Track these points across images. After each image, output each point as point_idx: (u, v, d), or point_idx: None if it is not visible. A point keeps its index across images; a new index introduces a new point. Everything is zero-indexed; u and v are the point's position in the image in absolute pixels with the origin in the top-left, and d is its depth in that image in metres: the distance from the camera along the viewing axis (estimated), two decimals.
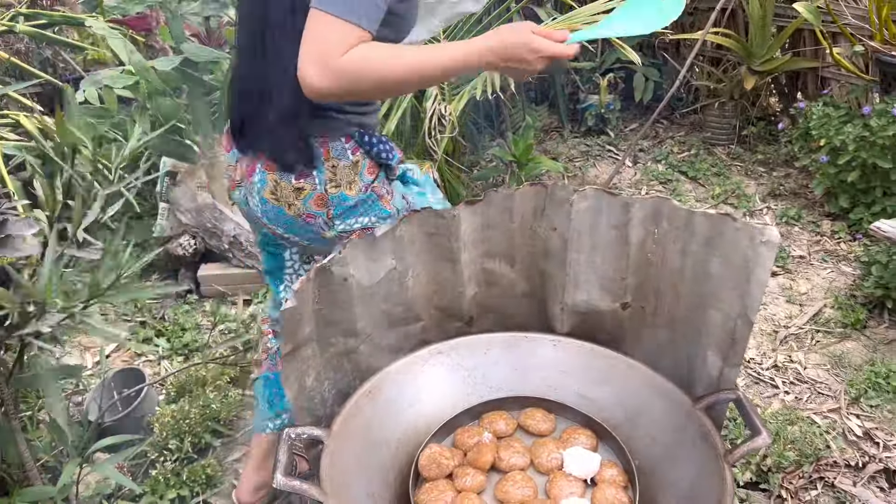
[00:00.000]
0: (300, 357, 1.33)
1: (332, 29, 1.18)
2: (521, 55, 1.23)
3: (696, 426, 1.31)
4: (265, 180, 1.45)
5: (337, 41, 1.18)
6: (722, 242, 1.29)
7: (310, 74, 1.18)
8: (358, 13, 1.19)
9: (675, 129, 4.47)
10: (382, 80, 1.22)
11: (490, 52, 1.23)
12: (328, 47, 1.17)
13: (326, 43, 1.18)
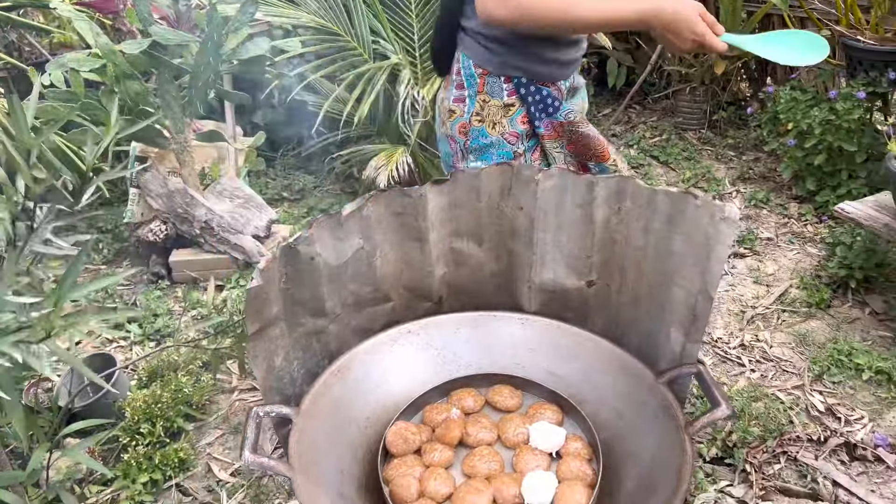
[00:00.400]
0: (268, 337, 1.34)
1: None
2: (682, 31, 1.29)
3: (659, 400, 1.34)
4: (440, 98, 1.64)
5: None
6: (683, 220, 1.31)
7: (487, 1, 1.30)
8: None
9: (648, 115, 4.51)
10: (554, 17, 1.30)
11: (658, 16, 1.29)
12: None
13: None
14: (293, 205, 3.78)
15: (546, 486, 1.27)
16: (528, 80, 1.49)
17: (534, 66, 1.49)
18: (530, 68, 1.49)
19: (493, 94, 1.50)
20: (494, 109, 1.50)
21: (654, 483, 1.24)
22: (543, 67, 1.51)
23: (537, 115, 1.53)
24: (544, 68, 1.51)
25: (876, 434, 2.10)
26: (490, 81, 1.49)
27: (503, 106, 1.49)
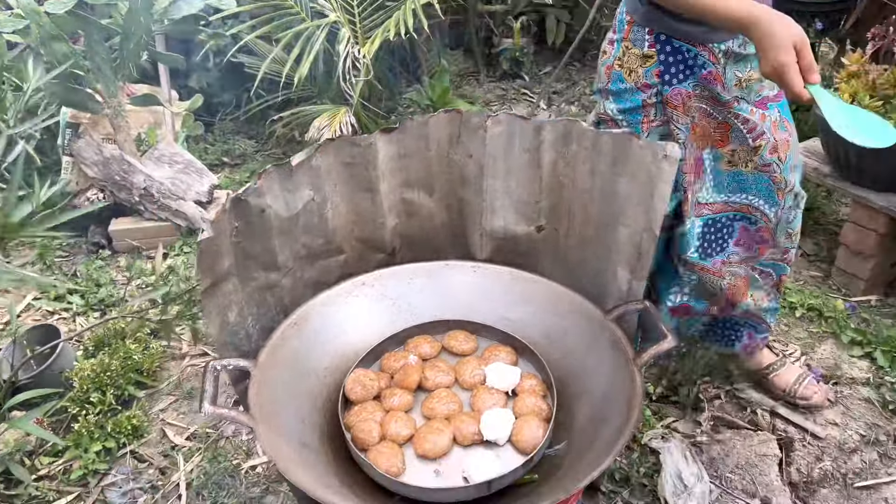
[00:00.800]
0: (221, 292, 1.33)
1: None
2: (768, 52, 1.22)
3: (608, 336, 1.39)
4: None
5: None
6: (627, 161, 1.35)
7: None
8: None
9: (588, 72, 4.56)
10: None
11: (756, 26, 1.23)
12: None
13: None
14: (234, 170, 3.71)
15: (503, 423, 1.31)
16: (667, 35, 1.48)
17: (674, 22, 1.46)
18: (671, 24, 1.47)
19: (635, 43, 1.51)
20: (634, 58, 1.51)
21: (605, 415, 1.30)
22: (684, 25, 1.47)
23: (670, 74, 1.51)
24: (685, 27, 1.47)
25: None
26: (635, 30, 1.51)
27: (642, 56, 1.50)
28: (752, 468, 1.97)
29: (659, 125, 1.55)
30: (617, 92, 1.56)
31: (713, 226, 1.72)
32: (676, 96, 1.52)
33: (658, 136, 1.56)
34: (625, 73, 1.53)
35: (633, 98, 1.55)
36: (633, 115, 1.57)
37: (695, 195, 1.65)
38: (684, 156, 1.54)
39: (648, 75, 1.51)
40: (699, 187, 1.65)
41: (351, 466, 1.31)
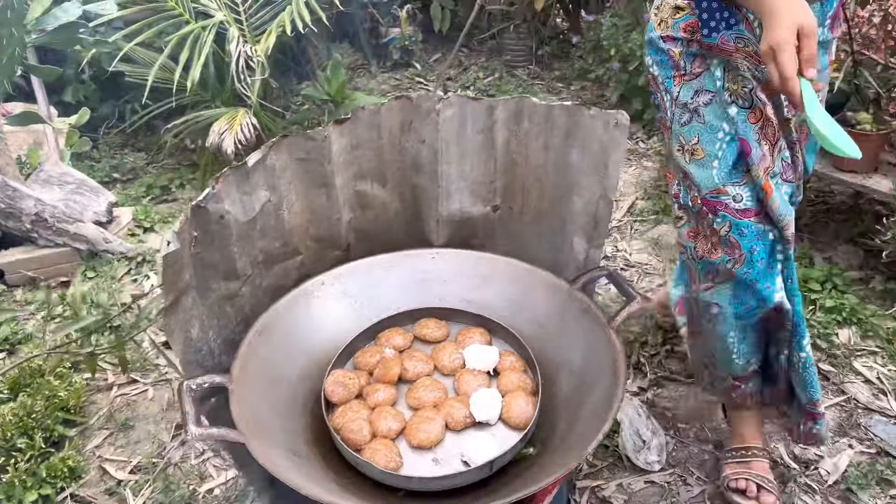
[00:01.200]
0: (182, 307, 1.26)
1: None
2: (769, 30, 1.14)
3: (577, 305, 1.42)
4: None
5: None
6: (579, 132, 1.38)
7: None
8: None
9: (476, 56, 4.63)
10: None
11: (767, 3, 1.14)
12: None
13: None
14: (127, 185, 3.50)
15: (492, 402, 1.32)
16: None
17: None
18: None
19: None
20: (667, 7, 1.43)
21: (588, 381, 1.33)
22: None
23: (712, 25, 1.36)
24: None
25: None
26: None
27: (674, 7, 1.41)
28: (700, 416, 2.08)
29: (691, 78, 1.41)
30: (649, 40, 1.48)
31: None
32: (727, 43, 1.35)
33: (693, 90, 1.42)
34: (656, 22, 1.46)
35: (652, 50, 1.48)
36: (663, 67, 1.46)
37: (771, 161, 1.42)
38: (752, 104, 1.38)
39: (676, 28, 1.41)
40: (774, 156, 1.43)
41: (344, 468, 1.28)
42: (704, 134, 1.41)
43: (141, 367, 2.35)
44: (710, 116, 1.40)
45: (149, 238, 3.03)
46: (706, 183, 1.42)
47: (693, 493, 1.87)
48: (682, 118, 1.44)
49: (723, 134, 1.39)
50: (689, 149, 1.44)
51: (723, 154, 1.40)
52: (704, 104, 1.40)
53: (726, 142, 1.39)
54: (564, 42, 4.52)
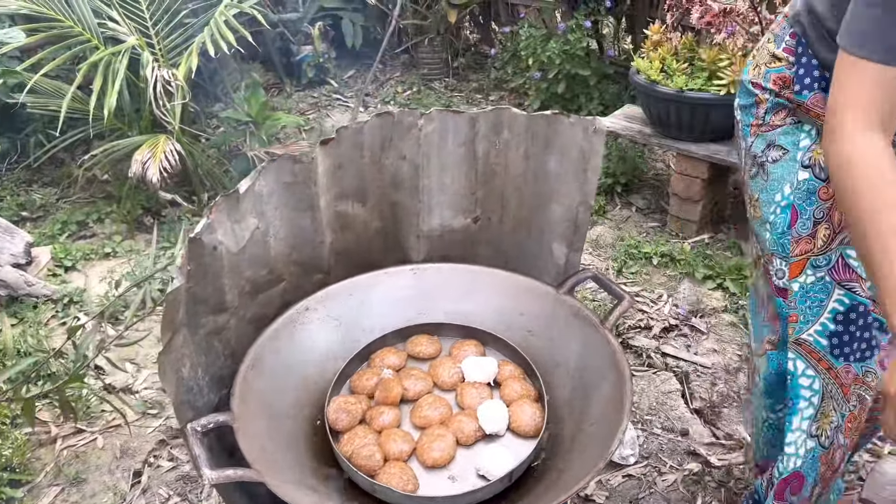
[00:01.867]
0: (174, 347, 1.19)
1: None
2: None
3: (567, 309, 1.45)
4: None
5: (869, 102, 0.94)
6: (558, 139, 1.41)
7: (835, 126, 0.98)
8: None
9: (392, 71, 4.63)
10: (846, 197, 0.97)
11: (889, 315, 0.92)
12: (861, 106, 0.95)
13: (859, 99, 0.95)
14: (39, 224, 3.27)
15: (500, 413, 1.32)
16: (811, 50, 1.18)
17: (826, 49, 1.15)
18: (822, 41, 1.16)
19: (775, 37, 1.25)
20: (765, 53, 1.26)
21: (589, 382, 1.36)
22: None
23: (805, 82, 1.19)
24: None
25: (679, 308, 2.48)
26: (783, 24, 1.24)
27: (771, 54, 1.24)
28: (662, 406, 2.16)
29: (767, 130, 1.25)
30: (742, 83, 1.34)
31: (863, 315, 1.25)
32: (818, 105, 1.18)
33: (766, 143, 1.27)
34: (752, 66, 1.30)
35: (750, 93, 1.30)
36: (745, 113, 1.31)
37: (843, 246, 1.25)
38: (828, 177, 1.19)
39: (767, 77, 1.25)
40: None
41: (359, 495, 1.24)
42: (764, 194, 1.27)
43: (85, 414, 2.20)
44: (774, 176, 1.25)
45: (72, 277, 2.84)
46: (763, 245, 1.32)
47: (668, 482, 1.93)
48: (752, 171, 1.31)
49: (780, 197, 1.25)
50: (752, 203, 1.32)
51: (774, 220, 1.26)
52: (772, 161, 1.25)
53: (781, 206, 1.25)
54: (478, 54, 4.60)
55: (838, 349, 1.26)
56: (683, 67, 2.67)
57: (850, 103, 0.96)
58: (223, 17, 2.99)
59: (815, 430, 1.31)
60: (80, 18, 3.04)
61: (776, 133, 1.25)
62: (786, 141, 1.24)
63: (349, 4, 4.49)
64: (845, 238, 1.23)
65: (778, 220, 1.25)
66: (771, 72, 1.24)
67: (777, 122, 1.25)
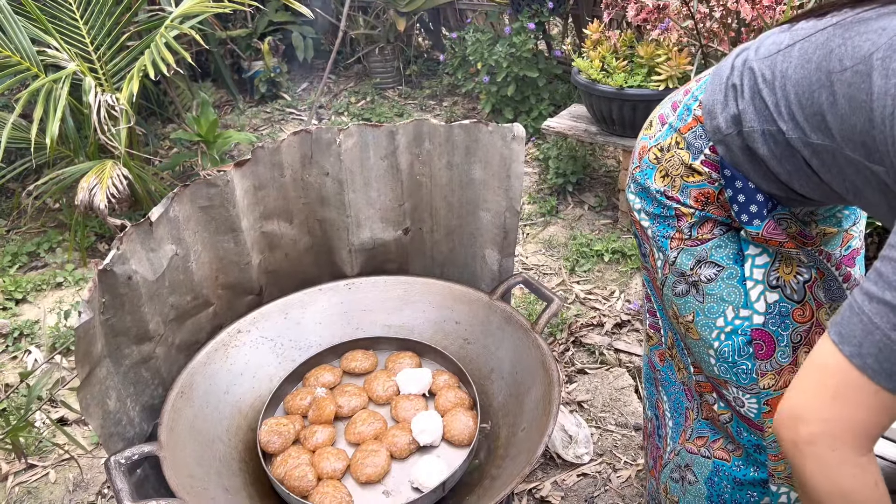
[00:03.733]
0: (96, 380, 1.18)
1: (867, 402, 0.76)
2: None
3: (499, 314, 1.46)
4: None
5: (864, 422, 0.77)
6: (479, 148, 1.42)
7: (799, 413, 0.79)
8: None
9: (345, 81, 4.62)
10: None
11: None
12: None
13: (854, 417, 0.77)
14: None
15: (433, 424, 1.32)
16: (737, 175, 1.00)
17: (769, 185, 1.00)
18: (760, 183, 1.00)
19: (689, 146, 1.04)
20: (677, 162, 1.05)
21: (521, 386, 1.36)
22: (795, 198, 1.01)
23: (748, 214, 1.02)
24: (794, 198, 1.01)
25: (632, 303, 2.49)
26: (697, 130, 1.03)
27: (687, 166, 1.04)
28: (616, 402, 2.17)
29: (694, 245, 1.07)
30: (643, 186, 1.11)
31: None
32: (775, 232, 1.03)
33: (695, 259, 1.08)
34: (659, 171, 1.08)
35: (661, 204, 1.09)
36: (659, 223, 1.10)
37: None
38: (801, 299, 1.07)
39: (686, 193, 1.05)
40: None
41: None
42: (700, 316, 1.09)
43: (37, 449, 2.16)
44: (711, 297, 1.07)
45: (23, 310, 2.80)
46: (704, 368, 1.14)
47: (623, 478, 1.95)
48: (677, 287, 1.11)
49: (724, 322, 1.07)
50: (683, 323, 1.13)
51: (720, 347, 1.08)
52: (707, 279, 1.07)
53: (726, 332, 1.07)
54: (430, 60, 4.60)
55: None
56: (623, 65, 2.69)
57: (850, 426, 0.78)
58: (164, 40, 2.97)
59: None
60: (18, 48, 3.00)
61: (706, 247, 1.06)
62: (720, 256, 1.06)
63: (298, 18, 4.47)
64: None
65: (724, 348, 1.07)
66: (690, 187, 1.05)
67: (705, 236, 1.06)
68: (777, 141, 0.92)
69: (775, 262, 1.05)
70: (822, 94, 0.84)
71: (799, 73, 0.87)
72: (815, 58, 0.85)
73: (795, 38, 0.90)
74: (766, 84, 0.92)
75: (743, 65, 0.97)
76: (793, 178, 0.95)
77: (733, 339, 1.07)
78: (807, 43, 0.87)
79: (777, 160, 0.94)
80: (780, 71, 0.90)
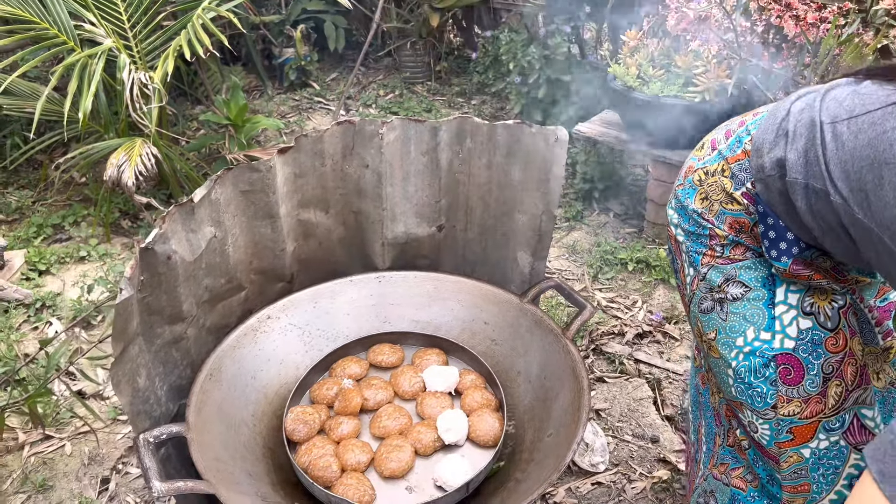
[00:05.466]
0: (128, 357, 1.18)
1: None
2: None
3: (529, 318, 1.45)
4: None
5: None
6: (520, 149, 1.41)
7: None
8: None
9: (374, 74, 4.62)
10: None
11: None
12: None
13: None
14: (14, 226, 3.24)
15: (459, 423, 1.32)
16: (776, 221, 1.02)
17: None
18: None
19: (733, 175, 1.05)
20: (717, 188, 1.07)
21: (549, 391, 1.36)
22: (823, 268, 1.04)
23: (777, 251, 1.03)
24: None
25: (654, 314, 2.48)
26: (743, 164, 1.04)
27: (726, 193, 1.06)
28: (634, 413, 2.16)
29: (725, 263, 1.08)
30: (682, 204, 1.13)
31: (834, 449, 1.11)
32: (799, 268, 1.03)
33: (724, 276, 1.08)
34: (699, 193, 1.09)
35: (697, 224, 1.10)
36: (693, 240, 1.12)
37: (858, 406, 1.09)
38: (835, 327, 1.06)
39: (721, 219, 1.07)
40: (868, 398, 1.09)
41: None
42: (721, 334, 1.09)
43: (54, 420, 2.18)
44: (734, 317, 1.08)
45: (46, 281, 2.82)
46: (724, 388, 1.14)
47: (637, 490, 1.93)
48: (703, 304, 1.11)
49: (743, 342, 1.07)
50: (706, 341, 1.13)
51: (738, 367, 1.07)
52: (732, 298, 1.08)
53: (745, 353, 1.06)
54: (461, 58, 4.59)
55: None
56: (659, 74, 2.67)
57: None
58: (200, 21, 2.98)
59: None
60: (56, 21, 3.02)
61: (736, 266, 1.08)
62: (749, 277, 1.07)
63: (332, 7, 4.47)
64: (860, 396, 1.08)
65: (741, 368, 1.07)
66: (727, 214, 1.07)
67: (737, 257, 1.08)
68: (819, 198, 0.92)
69: (810, 289, 1.05)
70: (869, 175, 0.82)
71: (851, 143, 0.86)
72: (869, 135, 0.83)
73: (854, 106, 0.88)
74: (822, 143, 0.90)
75: (800, 112, 0.96)
76: (825, 237, 0.95)
77: (750, 360, 1.06)
78: (864, 117, 0.85)
79: (812, 216, 0.94)
80: (837, 133, 0.88)
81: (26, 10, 2.97)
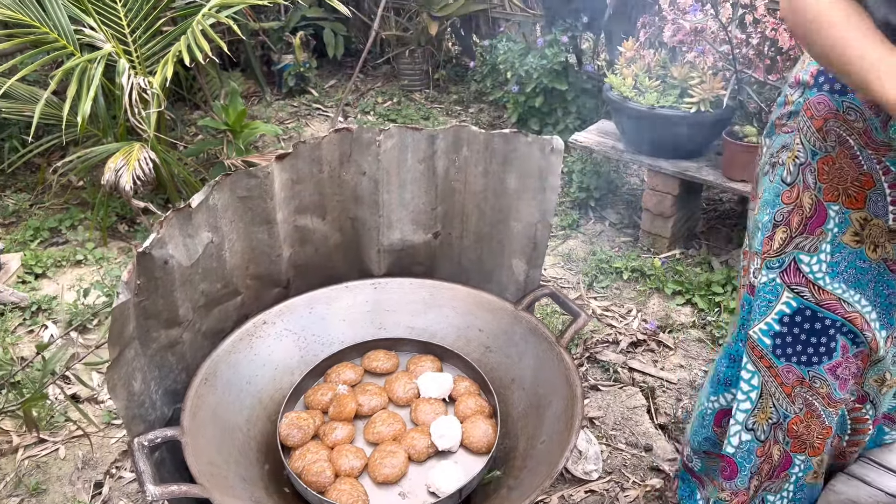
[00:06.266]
0: (124, 361, 1.19)
1: None
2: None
3: (524, 325, 1.46)
4: None
5: None
6: (516, 158, 1.42)
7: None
8: None
9: (372, 81, 4.64)
10: (809, 34, 0.96)
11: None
12: None
13: None
14: (10, 229, 3.25)
15: (452, 429, 1.32)
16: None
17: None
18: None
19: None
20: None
21: (543, 399, 1.36)
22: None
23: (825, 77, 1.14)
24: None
25: (649, 323, 2.49)
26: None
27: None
28: (627, 421, 2.17)
29: (788, 131, 1.22)
30: (768, 160, 1.28)
31: (810, 319, 1.23)
32: (819, 105, 1.12)
33: (782, 144, 1.24)
34: (802, 60, 1.21)
35: (787, 90, 1.24)
36: (778, 108, 1.27)
37: (797, 251, 1.21)
38: (793, 181, 1.20)
39: (807, 71, 1.16)
40: (808, 246, 1.20)
41: None
42: (767, 194, 1.26)
43: (49, 424, 2.18)
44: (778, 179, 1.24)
45: (42, 285, 2.82)
46: (752, 243, 1.33)
47: (631, 498, 1.94)
48: (765, 167, 1.30)
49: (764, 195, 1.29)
50: (756, 201, 1.32)
51: (767, 222, 1.26)
52: (781, 163, 1.24)
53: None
54: (459, 66, 4.62)
55: (780, 349, 1.27)
56: (655, 84, 2.69)
57: None
58: (200, 27, 2.99)
59: (752, 423, 1.35)
60: (56, 25, 3.03)
61: (791, 136, 1.21)
62: (796, 143, 1.20)
63: (331, 14, 4.49)
64: (800, 243, 1.21)
65: (768, 224, 1.24)
66: (813, 64, 1.14)
67: (793, 127, 1.20)
68: None
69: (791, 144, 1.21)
70: None
71: None
72: None
73: None
74: None
75: None
76: None
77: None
78: None
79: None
80: None
81: (26, 14, 2.98)
